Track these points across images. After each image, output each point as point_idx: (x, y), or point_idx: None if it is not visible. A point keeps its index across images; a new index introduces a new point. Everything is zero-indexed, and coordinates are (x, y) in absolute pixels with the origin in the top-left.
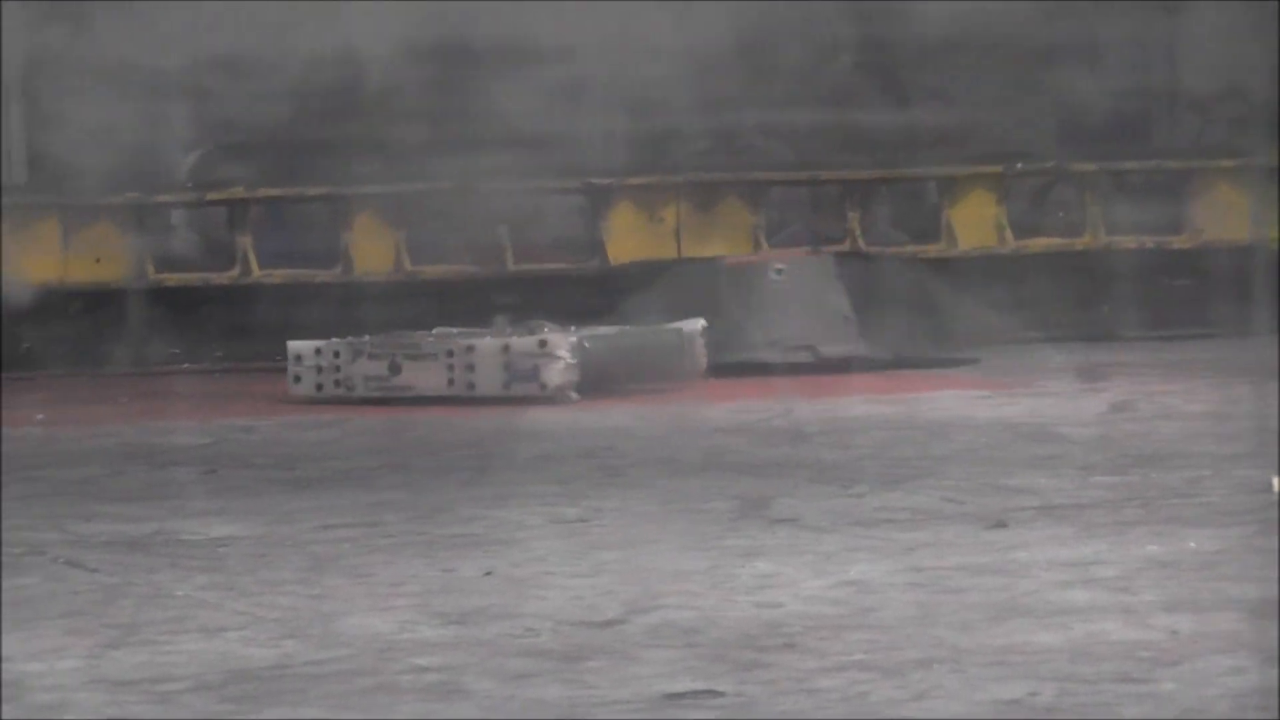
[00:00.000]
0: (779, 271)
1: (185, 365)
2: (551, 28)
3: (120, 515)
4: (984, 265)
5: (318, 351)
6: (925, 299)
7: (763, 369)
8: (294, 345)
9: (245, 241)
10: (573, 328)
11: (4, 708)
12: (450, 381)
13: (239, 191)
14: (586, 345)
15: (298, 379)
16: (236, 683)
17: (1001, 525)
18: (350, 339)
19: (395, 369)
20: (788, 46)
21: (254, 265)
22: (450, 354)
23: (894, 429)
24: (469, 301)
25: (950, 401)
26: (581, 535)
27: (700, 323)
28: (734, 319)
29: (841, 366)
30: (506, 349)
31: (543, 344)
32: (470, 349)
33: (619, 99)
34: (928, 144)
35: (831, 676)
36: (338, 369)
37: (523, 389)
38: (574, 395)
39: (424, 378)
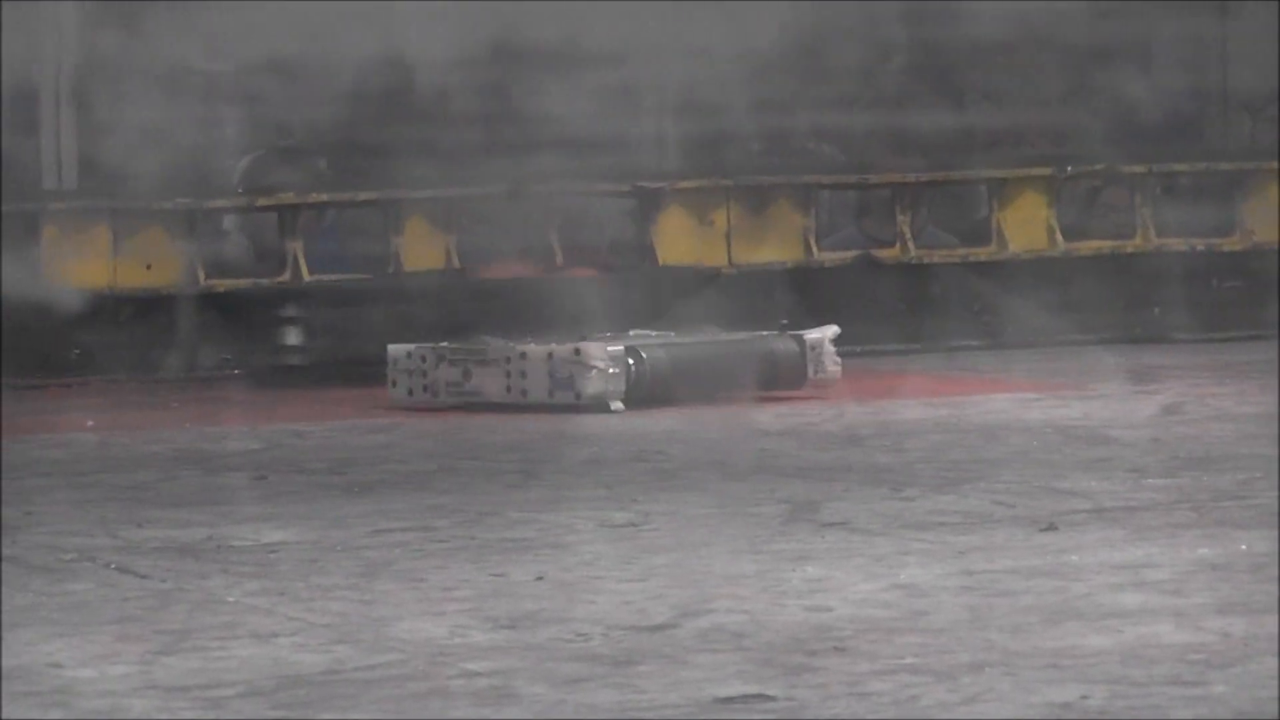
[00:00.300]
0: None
1: (236, 370)
2: (604, 31)
3: (172, 521)
4: (1034, 268)
5: (408, 355)
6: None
7: None
8: (393, 349)
9: (295, 246)
10: (671, 334)
11: (53, 714)
12: (508, 388)
13: (289, 196)
14: (643, 355)
15: (395, 383)
16: (288, 688)
17: (1053, 528)
18: (442, 344)
19: (467, 374)
20: (840, 49)
21: (304, 270)
22: (508, 360)
23: (945, 432)
24: (520, 305)
25: (1002, 404)
26: (631, 539)
27: (833, 329)
28: None
29: None
30: (550, 356)
31: (577, 352)
32: (522, 356)
33: (670, 102)
34: (979, 147)
35: (882, 680)
36: (424, 374)
37: (563, 396)
38: (617, 404)
39: (489, 383)
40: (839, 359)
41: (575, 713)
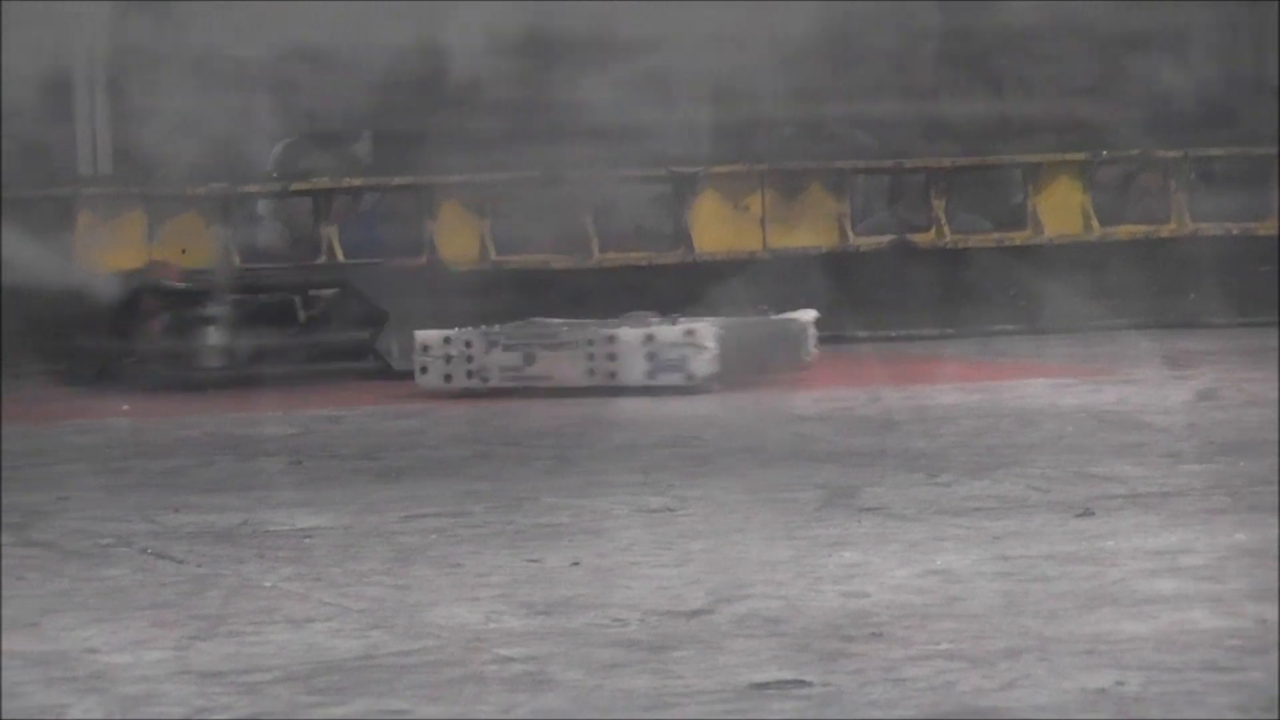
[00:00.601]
0: None
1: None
2: (638, 19)
3: (207, 506)
4: (1069, 253)
5: (447, 341)
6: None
7: None
8: (421, 335)
9: (330, 231)
10: (708, 319)
11: (89, 700)
12: (590, 371)
13: (324, 181)
14: (724, 335)
15: (424, 369)
16: (323, 674)
17: (1088, 513)
18: (483, 328)
19: (530, 359)
20: (873, 36)
21: (339, 255)
22: (590, 343)
23: (980, 417)
24: (555, 291)
25: (1036, 389)
26: (667, 525)
27: (812, 313)
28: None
29: None
30: (650, 339)
31: (689, 333)
32: (612, 339)
33: (704, 90)
34: (1013, 133)
35: (918, 666)
36: (469, 359)
37: (668, 379)
38: (716, 385)
39: (562, 368)
40: (817, 344)
41: (611, 698)
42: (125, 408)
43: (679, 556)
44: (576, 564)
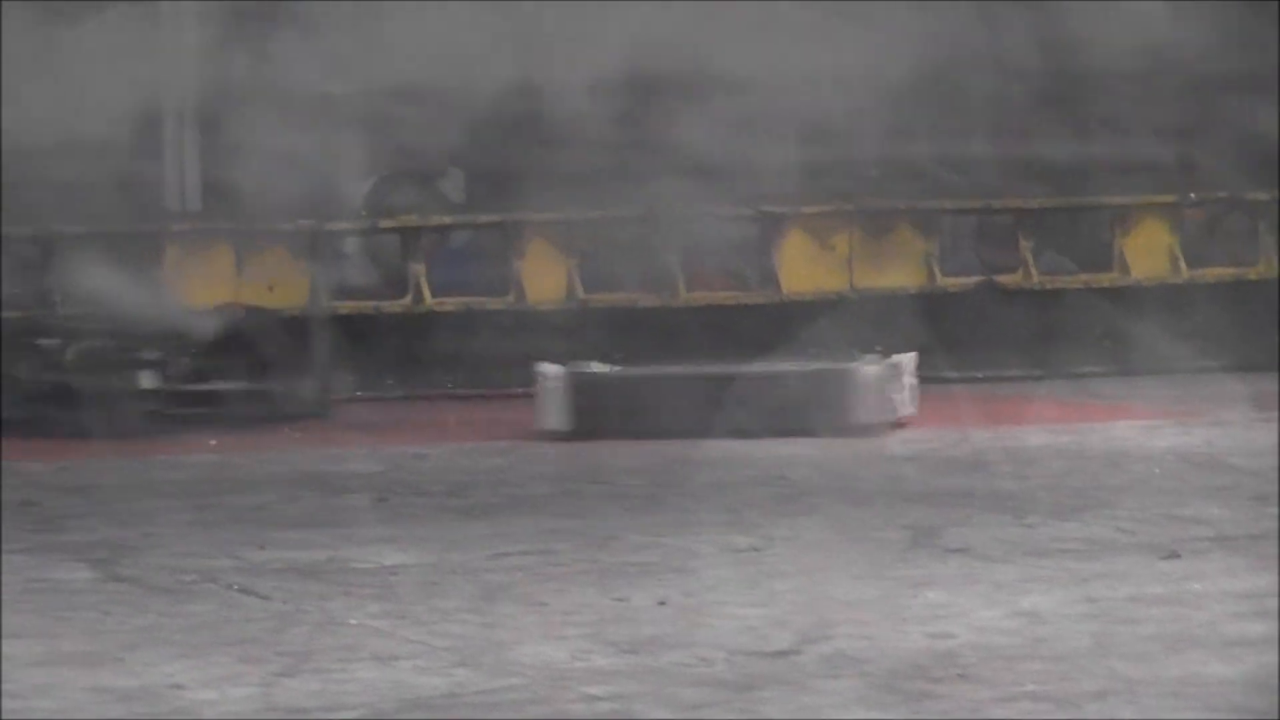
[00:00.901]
0: None
1: (358, 393)
2: (738, 59)
3: (293, 542)
4: (1157, 294)
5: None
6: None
7: None
8: (551, 369)
9: (418, 269)
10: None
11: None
12: (772, 411)
13: (411, 219)
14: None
15: (551, 410)
16: (408, 711)
17: (1175, 556)
18: (652, 366)
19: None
20: (971, 77)
21: (426, 293)
22: (772, 380)
23: (1068, 459)
24: (642, 330)
25: (1124, 431)
26: (754, 564)
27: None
28: None
29: None
30: (874, 374)
31: (894, 368)
32: (845, 374)
33: (798, 129)
34: (1103, 174)
35: (1004, 707)
36: (619, 397)
37: (883, 415)
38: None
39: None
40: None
41: None
42: (213, 442)
43: (765, 596)
44: (663, 603)
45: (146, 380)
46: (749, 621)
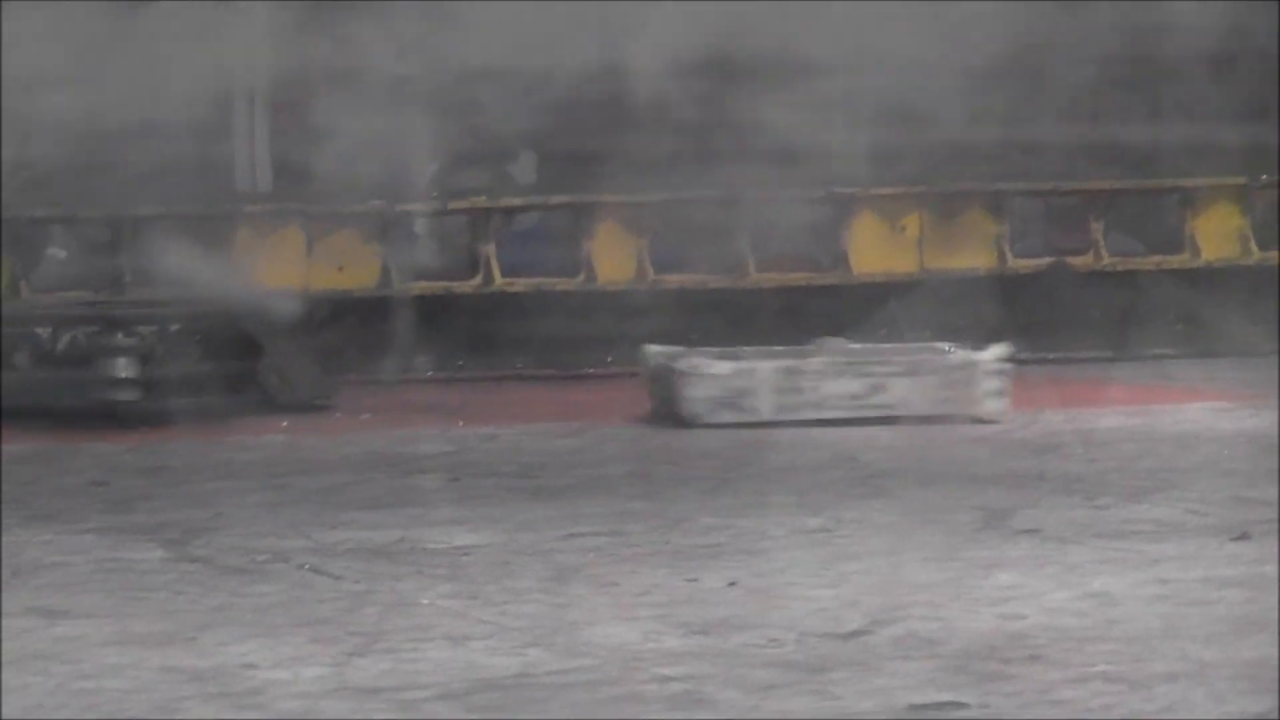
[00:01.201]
0: None
1: (429, 374)
2: (821, 42)
3: (365, 523)
4: (1227, 276)
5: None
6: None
7: None
8: (697, 363)
9: (488, 250)
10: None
11: (249, 711)
12: (946, 400)
13: (481, 200)
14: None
15: (696, 400)
16: (480, 691)
17: (1245, 538)
18: (808, 348)
19: (878, 387)
20: (1051, 61)
21: (496, 274)
22: (948, 370)
23: (1138, 441)
24: (712, 312)
25: (1195, 414)
26: (824, 546)
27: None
28: None
29: None
30: (984, 364)
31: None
32: (967, 364)
33: (876, 112)
34: (1175, 157)
35: (1076, 688)
36: (798, 390)
37: (993, 406)
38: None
39: (913, 396)
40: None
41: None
42: (284, 424)
43: (836, 577)
44: (734, 584)
45: (123, 369)
46: (820, 603)
